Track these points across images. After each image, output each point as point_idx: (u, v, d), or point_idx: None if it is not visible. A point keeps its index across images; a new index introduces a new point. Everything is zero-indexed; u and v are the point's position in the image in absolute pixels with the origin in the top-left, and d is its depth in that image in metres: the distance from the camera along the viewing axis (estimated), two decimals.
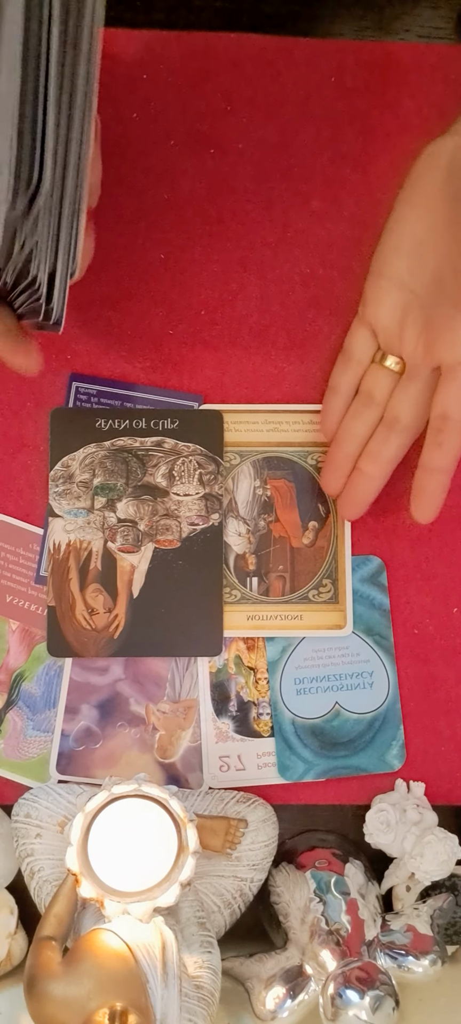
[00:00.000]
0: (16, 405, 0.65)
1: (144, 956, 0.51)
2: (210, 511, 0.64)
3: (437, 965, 0.58)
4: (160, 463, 0.63)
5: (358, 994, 0.55)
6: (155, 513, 0.63)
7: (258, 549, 0.65)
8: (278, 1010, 0.57)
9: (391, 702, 0.65)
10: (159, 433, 0.64)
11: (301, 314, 0.65)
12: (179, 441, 0.64)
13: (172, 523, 0.63)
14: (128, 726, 0.64)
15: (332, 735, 0.64)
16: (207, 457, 0.64)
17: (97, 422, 0.64)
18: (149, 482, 0.64)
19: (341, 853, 0.63)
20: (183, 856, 0.54)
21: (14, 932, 0.62)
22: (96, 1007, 0.49)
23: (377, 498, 0.64)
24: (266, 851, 0.61)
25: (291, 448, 0.65)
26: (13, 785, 0.63)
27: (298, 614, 0.64)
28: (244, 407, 0.65)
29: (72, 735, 0.63)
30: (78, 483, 0.63)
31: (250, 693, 0.64)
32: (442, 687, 0.65)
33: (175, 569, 0.63)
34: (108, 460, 0.64)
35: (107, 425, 0.64)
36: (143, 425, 0.64)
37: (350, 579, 0.65)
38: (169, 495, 0.64)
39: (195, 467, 0.63)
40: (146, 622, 0.63)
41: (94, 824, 0.55)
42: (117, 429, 0.64)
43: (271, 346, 0.66)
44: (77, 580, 0.63)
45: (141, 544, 0.63)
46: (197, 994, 0.54)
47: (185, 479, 0.64)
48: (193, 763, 0.64)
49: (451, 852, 0.62)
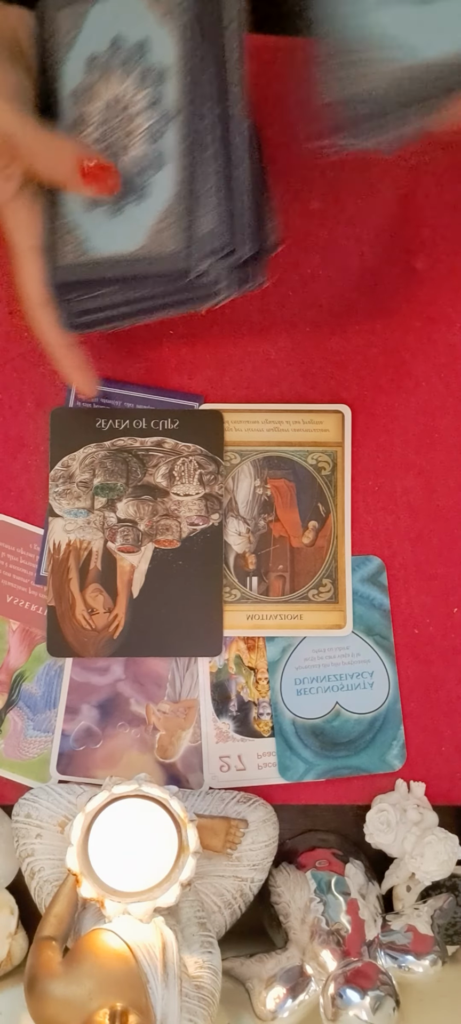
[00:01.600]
0: (16, 405, 0.65)
1: (144, 956, 0.51)
2: (210, 511, 0.64)
3: (437, 965, 0.58)
4: (160, 463, 0.63)
5: (358, 994, 0.55)
6: (155, 513, 0.63)
7: (258, 549, 0.65)
8: (278, 1010, 0.57)
9: (391, 702, 0.65)
10: (159, 433, 0.64)
11: (301, 314, 0.65)
12: (179, 441, 0.64)
13: (172, 523, 0.63)
14: (128, 726, 0.64)
15: (332, 735, 0.64)
16: (207, 457, 0.64)
17: (97, 422, 0.64)
18: (149, 482, 0.64)
19: (341, 853, 0.63)
20: (183, 856, 0.54)
21: (14, 932, 0.62)
22: (97, 1007, 0.49)
23: (377, 498, 0.65)
24: (266, 851, 0.61)
25: (291, 448, 0.65)
26: (13, 785, 0.63)
27: (298, 614, 0.64)
28: (244, 407, 0.65)
29: (72, 735, 0.63)
30: (78, 483, 0.63)
31: (250, 693, 0.64)
32: (442, 687, 0.65)
33: (175, 569, 0.63)
34: (108, 460, 0.64)
35: (107, 425, 0.64)
36: (143, 425, 0.64)
37: (350, 579, 0.65)
38: (169, 495, 0.64)
39: (195, 467, 0.63)
40: (146, 622, 0.63)
41: (94, 824, 0.55)
42: (117, 429, 0.64)
43: (271, 346, 0.66)
44: (77, 580, 0.63)
45: (141, 544, 0.63)
46: (197, 994, 0.54)
47: (185, 479, 0.64)
48: (193, 763, 0.64)
49: (451, 852, 0.62)
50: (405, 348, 0.66)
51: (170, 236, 0.50)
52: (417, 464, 0.66)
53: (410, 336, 0.66)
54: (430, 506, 0.66)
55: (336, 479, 0.65)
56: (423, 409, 0.66)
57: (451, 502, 0.66)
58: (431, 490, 0.66)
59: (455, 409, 0.66)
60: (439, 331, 0.66)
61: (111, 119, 0.52)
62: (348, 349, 0.66)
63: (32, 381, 0.65)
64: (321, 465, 0.65)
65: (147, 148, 0.51)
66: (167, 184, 0.50)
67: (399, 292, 0.66)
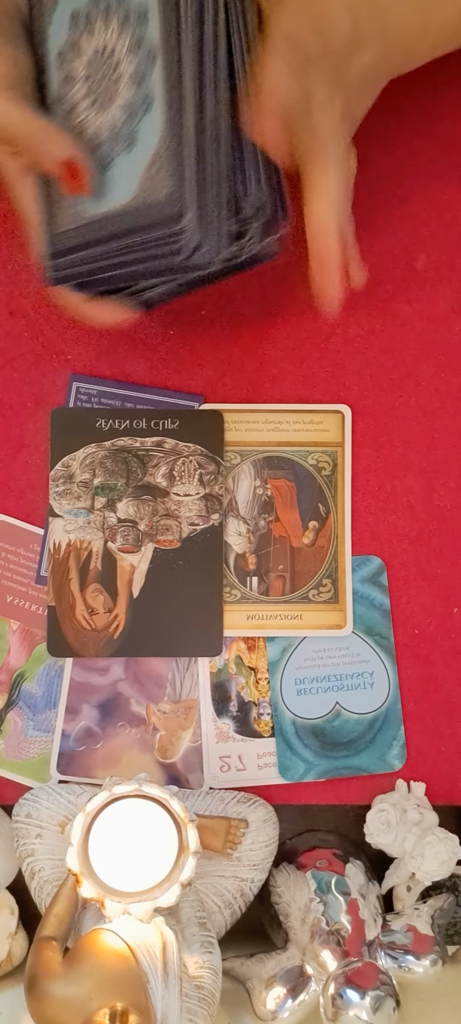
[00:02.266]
0: (16, 405, 0.65)
1: (145, 956, 0.51)
2: (210, 511, 0.64)
3: (437, 965, 0.58)
4: (160, 463, 0.63)
5: (359, 994, 0.55)
6: (155, 513, 0.63)
7: (258, 549, 0.65)
8: (279, 1010, 0.57)
9: (391, 702, 0.65)
10: (159, 433, 0.64)
11: (301, 314, 0.65)
12: (179, 441, 0.64)
13: (172, 523, 0.63)
14: (129, 726, 0.64)
15: (333, 735, 0.64)
16: (207, 457, 0.64)
17: (97, 422, 0.64)
18: (149, 482, 0.64)
19: (342, 853, 0.63)
20: (184, 856, 0.54)
21: (14, 932, 0.62)
22: (97, 1007, 0.49)
23: (377, 498, 0.65)
24: (267, 851, 0.61)
25: (291, 448, 0.65)
26: (14, 785, 0.63)
27: (298, 614, 0.64)
28: (244, 407, 0.65)
29: (73, 735, 0.63)
30: (78, 483, 0.63)
31: (251, 693, 0.64)
32: (442, 687, 0.65)
33: (175, 569, 0.63)
34: (108, 460, 0.64)
35: (107, 425, 0.64)
36: (143, 425, 0.64)
37: (350, 579, 0.65)
38: (169, 495, 0.64)
39: (195, 467, 0.63)
40: (146, 622, 0.63)
41: (95, 824, 0.55)
42: (117, 429, 0.64)
43: (271, 346, 0.66)
44: (77, 580, 0.63)
45: (141, 544, 0.63)
46: (198, 994, 0.54)
47: (185, 479, 0.64)
48: (194, 763, 0.64)
49: (451, 852, 0.62)
50: (405, 348, 0.66)
51: (161, 180, 0.49)
52: (417, 464, 0.66)
53: (410, 336, 0.66)
54: (430, 506, 0.66)
55: (336, 479, 0.65)
56: (423, 409, 0.66)
57: (451, 502, 0.66)
58: (431, 490, 0.66)
59: (455, 409, 0.66)
60: (439, 331, 0.66)
61: (96, 72, 0.51)
62: (348, 349, 0.66)
63: (32, 381, 0.65)
64: (321, 465, 0.65)
65: (133, 93, 0.50)
66: (155, 127, 0.49)
67: (399, 292, 0.66)
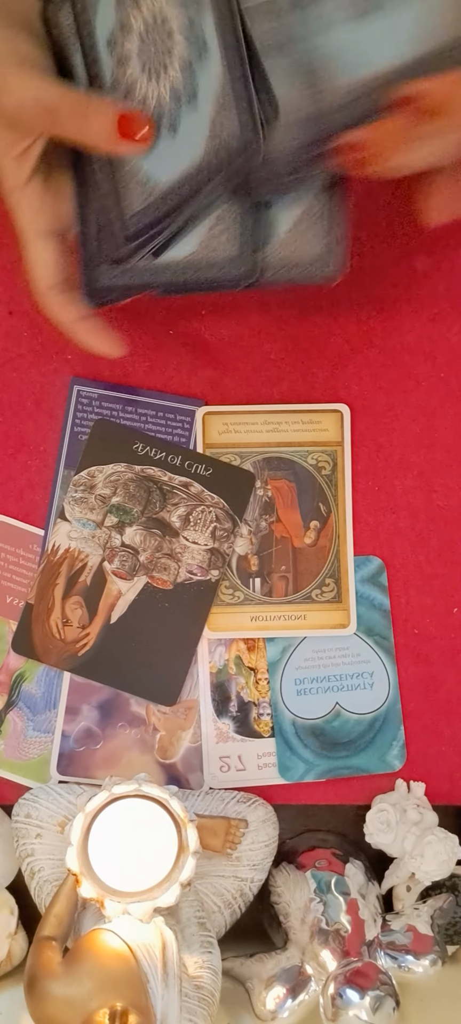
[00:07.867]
0: (16, 405, 0.65)
1: (144, 956, 0.51)
2: (211, 566, 0.63)
3: (437, 965, 0.58)
4: (181, 504, 0.63)
5: (358, 994, 0.55)
6: (159, 549, 0.63)
7: (260, 550, 0.65)
8: (278, 1010, 0.57)
9: (391, 702, 0.65)
10: (190, 476, 0.64)
11: (301, 314, 0.65)
12: (206, 489, 0.64)
13: (172, 564, 0.63)
14: (128, 727, 0.64)
15: (332, 735, 0.64)
16: (227, 514, 0.63)
17: (134, 444, 0.64)
18: (164, 518, 0.63)
19: (341, 853, 0.63)
20: (183, 856, 0.54)
21: (14, 932, 0.62)
22: (96, 1007, 0.49)
23: (377, 498, 0.65)
24: (266, 851, 0.61)
25: (291, 448, 0.65)
26: (13, 785, 0.64)
27: (302, 614, 0.64)
28: (244, 407, 0.65)
29: (73, 736, 0.64)
30: (97, 496, 0.63)
31: (250, 693, 0.64)
32: (442, 687, 0.65)
33: (159, 610, 0.63)
34: (132, 483, 0.63)
35: (143, 451, 0.64)
36: (177, 462, 0.64)
37: (353, 578, 0.65)
38: (178, 537, 0.63)
39: (212, 519, 0.63)
40: (113, 651, 0.62)
41: (94, 824, 0.55)
42: (151, 457, 0.63)
43: (271, 346, 0.66)
44: (63, 587, 0.63)
45: (135, 574, 0.63)
46: (197, 994, 0.54)
47: (199, 527, 0.63)
48: (193, 763, 0.64)
49: (451, 852, 0.62)
50: (405, 348, 0.66)
51: (228, 119, 0.48)
52: (417, 464, 0.66)
53: (410, 336, 0.66)
54: (430, 506, 0.66)
55: (336, 478, 0.65)
56: (423, 409, 0.66)
57: (451, 502, 0.66)
58: (431, 490, 0.66)
59: (455, 409, 0.66)
60: (439, 331, 0.66)
61: (148, 41, 0.50)
62: (348, 349, 0.66)
63: (32, 381, 0.65)
64: (321, 465, 0.65)
65: (188, 46, 0.49)
66: (214, 69, 0.49)
67: (399, 292, 0.66)
